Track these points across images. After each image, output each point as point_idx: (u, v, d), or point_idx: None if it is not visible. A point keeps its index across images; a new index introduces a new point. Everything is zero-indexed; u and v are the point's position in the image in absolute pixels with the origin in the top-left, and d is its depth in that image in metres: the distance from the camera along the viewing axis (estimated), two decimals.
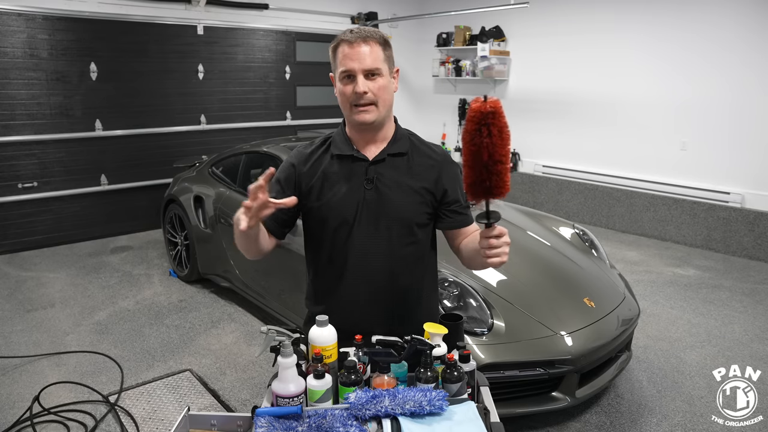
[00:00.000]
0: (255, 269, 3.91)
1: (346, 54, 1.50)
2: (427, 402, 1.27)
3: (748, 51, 5.29)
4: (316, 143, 1.68)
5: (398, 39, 8.05)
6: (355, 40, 1.50)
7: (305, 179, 1.63)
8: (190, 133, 6.36)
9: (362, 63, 1.49)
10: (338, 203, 1.60)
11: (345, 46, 1.51)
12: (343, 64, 1.51)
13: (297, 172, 1.64)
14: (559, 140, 6.91)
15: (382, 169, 1.61)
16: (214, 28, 6.31)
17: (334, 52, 1.55)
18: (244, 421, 1.40)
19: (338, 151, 1.62)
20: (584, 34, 6.48)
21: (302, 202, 1.62)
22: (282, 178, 1.66)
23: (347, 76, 1.52)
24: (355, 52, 1.49)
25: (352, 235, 1.61)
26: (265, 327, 1.54)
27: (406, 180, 1.62)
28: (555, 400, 2.65)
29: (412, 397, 1.28)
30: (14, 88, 5.17)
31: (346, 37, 1.51)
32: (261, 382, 3.19)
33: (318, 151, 1.66)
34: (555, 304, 2.86)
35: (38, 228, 5.53)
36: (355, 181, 1.60)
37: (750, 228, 5.43)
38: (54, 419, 2.80)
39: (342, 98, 1.55)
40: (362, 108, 1.53)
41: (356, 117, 1.54)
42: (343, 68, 1.51)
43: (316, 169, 1.63)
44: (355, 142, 1.62)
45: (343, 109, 1.58)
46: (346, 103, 1.54)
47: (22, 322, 3.91)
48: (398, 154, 1.62)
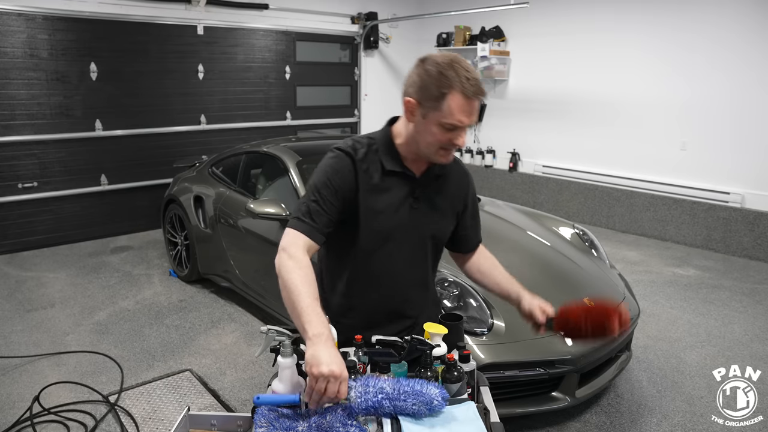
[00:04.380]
0: (255, 269, 3.91)
1: (461, 107, 1.39)
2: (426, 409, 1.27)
3: (748, 51, 5.29)
4: (361, 148, 1.55)
5: (398, 39, 8.06)
6: (473, 96, 1.39)
7: (351, 192, 1.52)
8: (190, 133, 6.36)
9: (471, 118, 1.42)
10: (382, 218, 1.55)
11: (461, 97, 1.38)
12: (454, 116, 1.39)
13: (356, 177, 1.52)
14: (559, 140, 6.91)
15: (426, 188, 1.60)
16: (214, 28, 6.31)
17: (441, 94, 1.38)
18: (244, 421, 1.40)
19: (389, 166, 1.54)
20: (584, 34, 6.48)
21: (347, 206, 1.53)
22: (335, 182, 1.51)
23: (450, 127, 1.42)
24: (470, 107, 1.40)
25: (387, 249, 1.59)
26: (265, 327, 1.54)
27: (444, 200, 1.65)
28: (555, 400, 2.65)
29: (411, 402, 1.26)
30: (14, 88, 5.17)
31: (465, 89, 1.38)
32: (261, 382, 3.19)
33: (369, 158, 1.55)
34: (555, 304, 2.85)
35: (38, 228, 5.53)
36: (401, 197, 1.57)
37: (750, 228, 5.43)
38: (54, 419, 2.80)
39: (432, 139, 1.44)
40: (450, 152, 1.50)
41: (439, 159, 1.50)
42: (454, 121, 1.40)
43: (368, 179, 1.54)
44: (404, 158, 1.56)
45: (421, 143, 1.48)
46: (433, 145, 1.46)
47: (22, 322, 3.91)
48: (440, 176, 1.63)
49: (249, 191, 4.14)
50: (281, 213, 3.40)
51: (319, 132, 7.20)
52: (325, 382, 1.20)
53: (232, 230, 4.04)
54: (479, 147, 7.81)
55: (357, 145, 1.56)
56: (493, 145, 7.64)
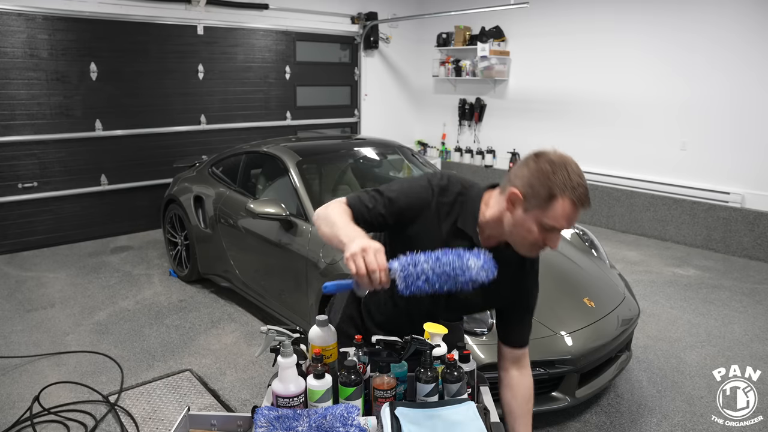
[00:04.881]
0: (255, 269, 3.91)
1: (567, 213, 1.34)
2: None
3: (748, 51, 5.29)
4: (450, 195, 1.51)
5: (398, 39, 8.06)
6: (581, 206, 1.36)
7: (416, 221, 1.50)
8: (190, 133, 6.36)
9: (571, 225, 1.39)
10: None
11: (570, 204, 1.34)
12: (558, 221, 1.35)
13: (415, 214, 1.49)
14: (559, 140, 6.83)
15: None
16: (214, 28, 6.31)
17: (551, 195, 1.34)
18: (244, 421, 1.40)
19: (461, 224, 1.49)
20: (584, 34, 6.48)
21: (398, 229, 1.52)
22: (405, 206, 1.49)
23: (549, 228, 1.37)
24: (575, 214, 1.36)
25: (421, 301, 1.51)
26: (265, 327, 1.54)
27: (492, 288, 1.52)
28: (555, 400, 2.65)
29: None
30: (14, 88, 5.17)
31: (575, 197, 1.34)
32: (261, 382, 3.19)
33: (448, 207, 1.51)
34: (555, 304, 2.85)
35: (38, 228, 5.53)
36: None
37: (750, 228, 5.43)
38: (54, 419, 2.80)
39: (527, 235, 1.40)
40: (538, 250, 1.47)
41: (526, 253, 1.47)
42: (556, 224, 1.36)
43: (432, 222, 1.51)
44: (481, 228, 1.50)
45: (518, 238, 1.43)
46: (525, 240, 1.42)
47: (22, 322, 3.91)
48: (506, 259, 1.50)
49: (249, 191, 4.14)
50: (281, 213, 3.40)
51: (319, 132, 7.20)
52: (361, 258, 1.22)
53: (232, 230, 4.04)
54: (479, 147, 7.80)
55: (449, 188, 1.52)
56: (493, 145, 7.64)
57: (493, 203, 1.48)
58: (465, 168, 7.81)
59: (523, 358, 1.70)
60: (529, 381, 1.69)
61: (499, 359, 1.72)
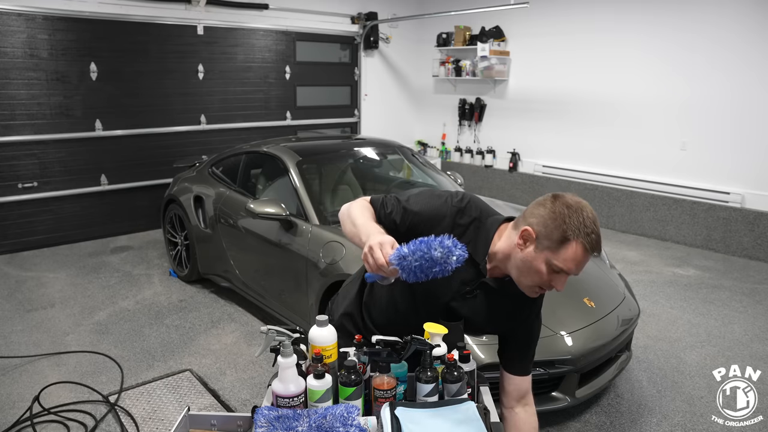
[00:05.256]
0: (255, 269, 3.91)
1: (577, 258, 1.36)
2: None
3: (748, 51, 5.29)
4: (466, 218, 1.53)
5: (398, 39, 8.06)
6: (592, 252, 1.38)
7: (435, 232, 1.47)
8: (190, 133, 6.36)
9: (579, 270, 1.40)
10: (431, 288, 1.49)
11: (582, 249, 1.36)
12: (567, 263, 1.37)
13: (428, 230, 1.47)
14: (559, 140, 6.91)
15: (489, 291, 1.56)
16: (214, 28, 6.31)
17: (563, 237, 1.35)
18: (244, 421, 1.40)
19: (473, 252, 1.48)
20: (584, 34, 6.48)
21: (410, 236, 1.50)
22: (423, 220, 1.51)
23: (557, 270, 1.39)
24: (585, 259, 1.38)
25: (411, 306, 1.59)
26: (265, 327, 1.54)
27: (498, 310, 1.58)
28: (555, 400, 2.65)
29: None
30: (14, 88, 5.17)
31: (587, 242, 1.36)
32: (261, 382, 3.19)
33: (460, 230, 1.52)
34: (555, 304, 2.85)
35: (38, 228, 5.53)
36: (456, 283, 1.54)
37: (750, 228, 5.43)
38: (54, 419, 2.80)
39: (534, 275, 1.41)
40: (541, 291, 1.48)
41: (528, 292, 1.47)
42: (564, 267, 1.37)
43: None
44: (490, 259, 1.52)
45: (525, 277, 1.44)
46: (534, 280, 1.43)
47: (22, 322, 3.91)
48: (509, 292, 1.54)
49: (249, 191, 4.14)
50: (281, 213, 3.40)
51: (319, 132, 7.20)
52: (370, 255, 1.31)
53: (232, 230, 4.05)
54: (479, 147, 7.81)
55: (469, 211, 1.54)
56: (493, 145, 7.64)
57: (506, 236, 1.49)
58: (465, 168, 7.81)
59: (528, 395, 1.70)
60: (534, 420, 1.69)
61: (502, 396, 1.71)
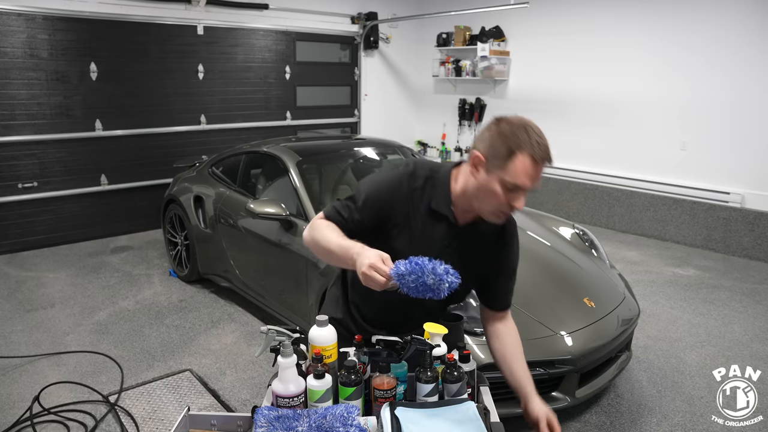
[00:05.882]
0: (255, 269, 3.91)
1: (527, 169, 1.38)
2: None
3: (748, 51, 5.29)
4: (419, 180, 1.55)
5: (398, 39, 8.06)
6: (541, 161, 1.39)
7: (394, 216, 1.54)
8: (190, 133, 6.36)
9: (534, 183, 1.40)
10: (411, 251, 1.48)
11: (529, 159, 1.37)
12: (519, 179, 1.38)
13: (403, 204, 1.53)
14: (558, 140, 6.82)
15: (465, 237, 1.58)
16: (214, 28, 6.31)
17: (509, 152, 1.38)
18: (244, 421, 1.40)
19: (435, 205, 1.53)
20: (584, 34, 6.48)
21: (377, 232, 1.54)
22: (382, 205, 1.53)
23: (511, 188, 1.40)
24: (536, 171, 1.39)
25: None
26: (265, 327, 1.54)
27: (482, 252, 1.61)
28: (555, 400, 2.65)
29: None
30: (14, 88, 5.17)
31: (534, 152, 1.37)
32: (261, 382, 3.19)
33: (420, 191, 1.54)
34: (555, 304, 2.86)
35: (38, 228, 5.53)
36: (435, 241, 1.55)
37: (750, 228, 5.43)
38: (54, 419, 2.80)
39: (491, 197, 1.43)
40: (505, 215, 1.48)
41: (492, 218, 1.49)
42: (517, 182, 1.39)
43: (408, 211, 1.54)
44: (454, 204, 1.53)
45: (483, 202, 1.46)
46: (490, 204, 1.45)
47: (22, 322, 3.91)
48: (483, 233, 1.58)
49: (249, 191, 4.14)
50: (281, 213, 3.40)
51: (319, 132, 7.20)
52: (370, 278, 1.30)
53: (232, 230, 4.04)
54: None
55: (417, 174, 1.55)
56: None
57: (461, 177, 1.53)
58: None
59: (507, 316, 1.75)
60: (514, 330, 1.73)
61: (483, 319, 1.76)
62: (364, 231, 1.53)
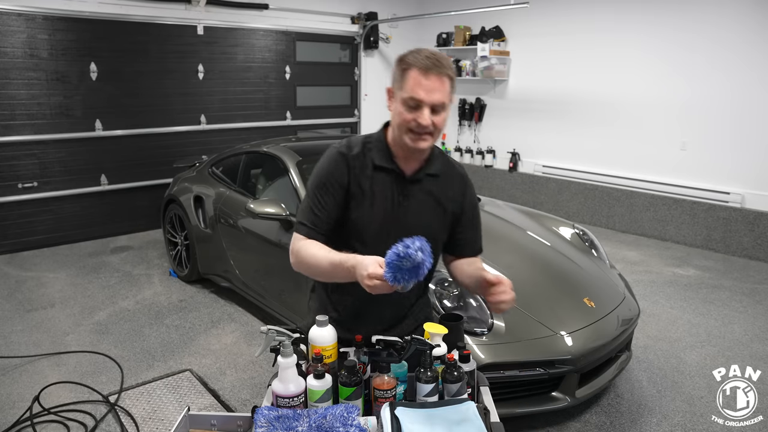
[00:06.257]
0: (255, 269, 3.91)
1: (418, 83, 1.44)
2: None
3: (748, 51, 5.29)
4: (356, 147, 1.61)
5: (398, 39, 8.06)
6: (429, 71, 1.44)
7: (347, 188, 1.57)
8: (190, 133, 6.36)
9: (431, 97, 1.45)
10: (371, 215, 1.58)
11: (417, 72, 1.44)
12: (412, 91, 1.45)
13: (348, 175, 1.57)
14: (559, 140, 6.91)
15: (417, 187, 1.61)
16: (214, 28, 6.31)
17: (402, 72, 1.48)
18: (244, 421, 1.40)
19: (378, 161, 1.59)
20: (584, 34, 6.48)
21: (343, 202, 1.59)
22: (330, 183, 1.57)
23: (413, 104, 1.46)
24: (427, 82, 1.44)
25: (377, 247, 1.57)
26: (265, 327, 1.54)
27: (436, 200, 1.64)
28: (555, 400, 2.65)
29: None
30: (14, 88, 5.17)
31: (420, 63, 1.44)
32: (261, 382, 3.19)
33: (361, 156, 1.59)
34: (555, 304, 2.86)
35: (38, 228, 5.53)
36: (390, 195, 1.59)
37: (750, 228, 5.43)
38: (54, 419, 2.80)
39: (400, 120, 1.50)
40: (419, 137, 1.50)
41: (411, 144, 1.52)
42: (412, 95, 1.45)
43: (360, 177, 1.58)
44: (396, 156, 1.60)
45: (397, 128, 1.54)
46: (403, 126, 1.51)
47: (22, 322, 3.91)
48: (433, 175, 1.63)
49: (249, 191, 4.14)
50: (281, 213, 3.40)
51: (319, 132, 7.20)
52: (372, 284, 1.31)
53: (232, 230, 4.04)
54: (479, 147, 7.80)
55: (352, 144, 1.62)
56: (493, 145, 7.64)
57: (391, 129, 1.61)
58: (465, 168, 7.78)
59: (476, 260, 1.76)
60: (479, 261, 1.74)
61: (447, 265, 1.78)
62: (338, 220, 1.58)
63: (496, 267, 3.03)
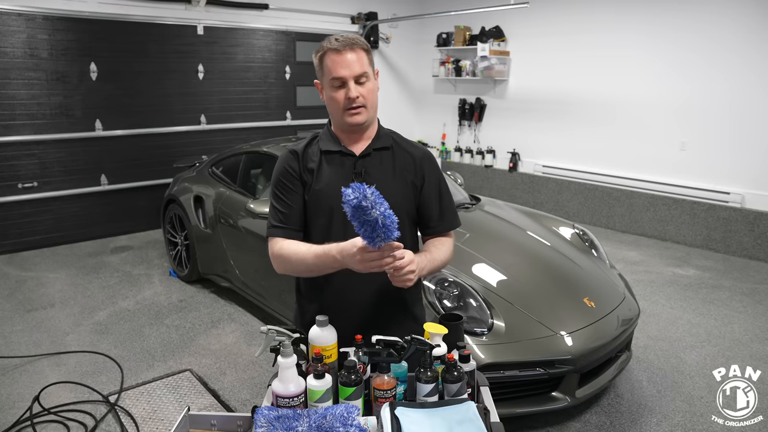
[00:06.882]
0: (255, 269, 3.91)
1: (335, 61, 1.56)
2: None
3: (748, 51, 5.29)
4: (304, 142, 1.73)
5: (398, 39, 8.06)
6: (342, 48, 1.56)
7: (304, 170, 1.67)
8: (190, 133, 6.36)
9: (351, 70, 1.55)
10: (327, 195, 1.61)
11: (332, 54, 1.57)
12: (333, 71, 1.57)
13: (299, 166, 1.66)
14: (559, 140, 6.91)
15: (368, 163, 1.66)
16: (214, 28, 6.31)
17: (320, 61, 1.61)
18: (244, 421, 1.40)
19: (326, 147, 1.67)
20: (584, 34, 6.48)
21: (304, 196, 1.67)
22: (286, 179, 1.66)
23: (338, 84, 1.57)
24: (343, 59, 1.55)
25: (342, 227, 1.58)
26: (265, 327, 1.54)
27: (393, 172, 1.68)
28: (555, 400, 2.65)
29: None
30: (14, 88, 5.17)
31: (332, 46, 1.57)
32: (261, 382, 3.19)
33: (308, 148, 1.70)
34: (555, 304, 2.86)
35: (38, 228, 5.53)
36: (343, 174, 1.64)
37: (750, 228, 5.43)
38: (54, 419, 2.80)
39: (333, 103, 1.61)
40: (354, 111, 1.59)
41: (349, 120, 1.60)
42: (334, 75, 1.56)
43: (308, 164, 1.67)
44: (342, 140, 1.68)
45: (333, 113, 1.64)
46: (338, 108, 1.60)
47: (22, 322, 3.91)
48: (382, 149, 1.69)
49: (249, 191, 4.14)
50: None
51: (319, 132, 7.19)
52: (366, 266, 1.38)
53: (232, 230, 4.05)
54: (479, 147, 7.80)
55: (301, 141, 1.74)
56: (493, 145, 7.64)
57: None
58: (465, 168, 7.81)
59: (449, 235, 1.77)
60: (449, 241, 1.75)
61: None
62: (307, 211, 1.64)
63: (497, 267, 3.04)
